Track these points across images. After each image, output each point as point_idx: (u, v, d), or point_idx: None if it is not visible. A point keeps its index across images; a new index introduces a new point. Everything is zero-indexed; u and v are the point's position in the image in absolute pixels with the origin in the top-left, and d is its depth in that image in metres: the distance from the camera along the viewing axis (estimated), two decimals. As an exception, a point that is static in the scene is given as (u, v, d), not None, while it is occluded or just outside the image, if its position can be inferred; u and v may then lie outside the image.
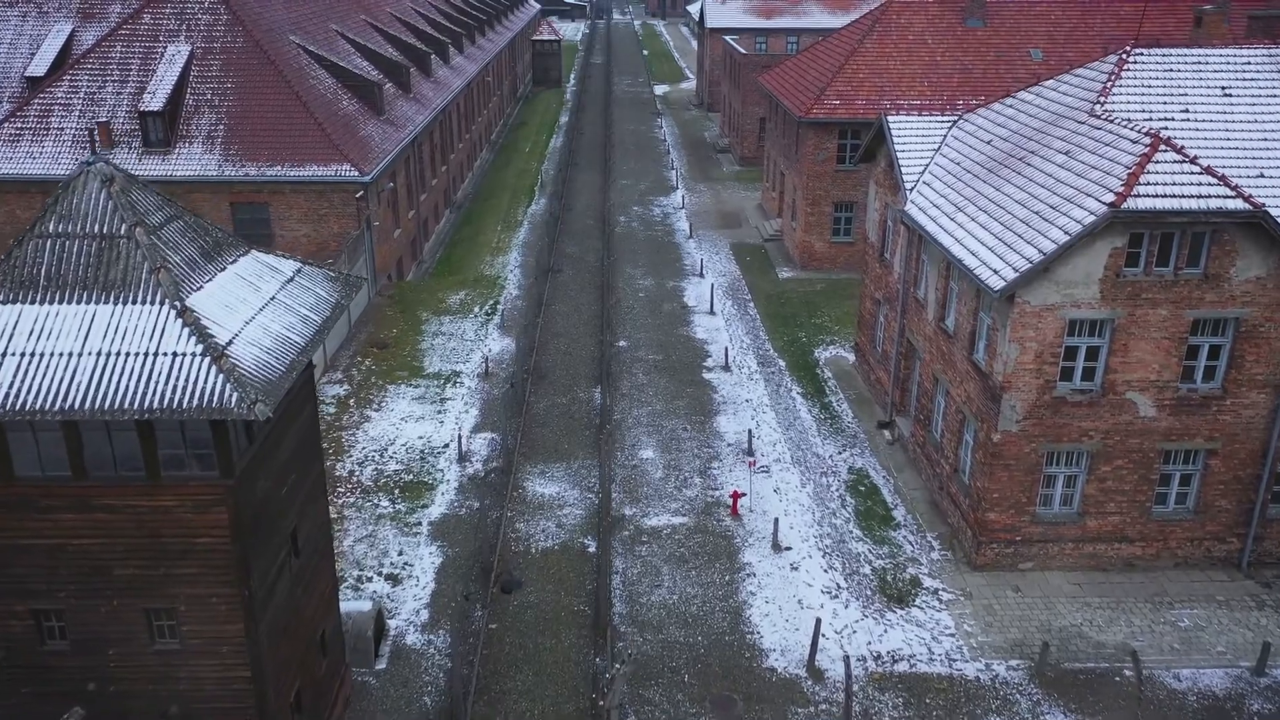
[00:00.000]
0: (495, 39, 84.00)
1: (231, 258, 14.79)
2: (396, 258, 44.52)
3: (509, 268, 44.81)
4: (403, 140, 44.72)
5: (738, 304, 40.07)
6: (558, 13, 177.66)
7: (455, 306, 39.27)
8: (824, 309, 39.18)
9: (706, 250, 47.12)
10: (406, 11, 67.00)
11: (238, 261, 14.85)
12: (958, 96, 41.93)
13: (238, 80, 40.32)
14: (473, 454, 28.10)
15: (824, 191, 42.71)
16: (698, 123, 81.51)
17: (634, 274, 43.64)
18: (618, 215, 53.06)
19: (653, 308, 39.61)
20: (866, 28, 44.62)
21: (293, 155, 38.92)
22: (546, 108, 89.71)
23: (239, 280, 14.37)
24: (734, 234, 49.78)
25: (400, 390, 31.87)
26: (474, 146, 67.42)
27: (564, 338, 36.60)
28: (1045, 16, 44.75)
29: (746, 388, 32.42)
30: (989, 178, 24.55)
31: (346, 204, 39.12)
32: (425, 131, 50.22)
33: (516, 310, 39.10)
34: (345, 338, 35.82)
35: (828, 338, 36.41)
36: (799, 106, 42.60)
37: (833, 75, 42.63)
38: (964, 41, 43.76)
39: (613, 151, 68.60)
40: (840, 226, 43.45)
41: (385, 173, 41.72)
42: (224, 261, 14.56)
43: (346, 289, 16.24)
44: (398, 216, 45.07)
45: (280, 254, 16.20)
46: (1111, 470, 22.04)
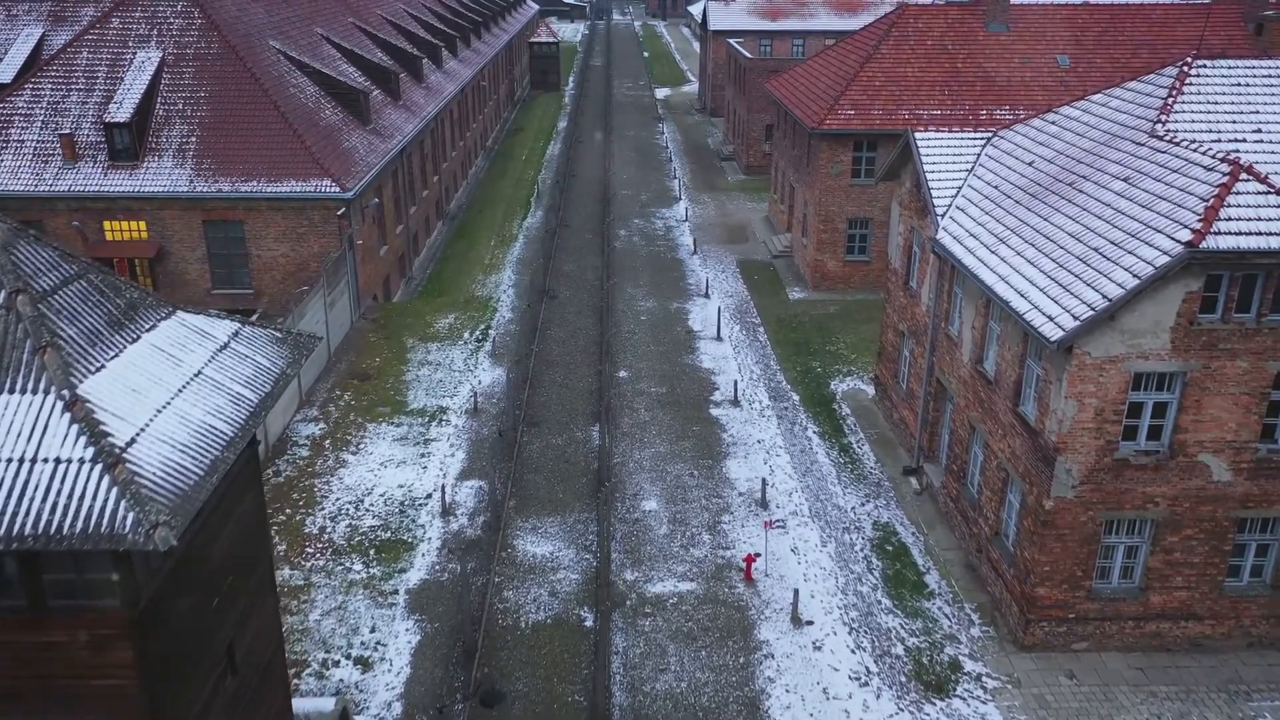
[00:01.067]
0: (492, 41, 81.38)
1: (148, 324, 12.15)
2: (383, 276, 41.90)
3: (502, 287, 42.15)
4: (390, 152, 42.09)
5: (746, 329, 37.43)
6: (557, 13, 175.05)
7: (444, 332, 36.62)
8: (839, 335, 36.54)
9: (712, 268, 44.49)
10: (398, 14, 64.38)
11: (156, 328, 12.21)
12: (980, 106, 39.30)
13: (212, 89, 37.69)
14: (458, 506, 25.46)
15: (837, 207, 40.07)
16: (700, 128, 78.88)
17: (635, 294, 41.01)
18: (618, 229, 50.43)
19: (655, 333, 36.97)
20: (881, 32, 41.99)
21: (270, 170, 36.29)
22: (545, 112, 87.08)
23: (155, 353, 11.73)
24: (740, 249, 47.15)
25: (381, 430, 29.23)
26: (469, 154, 64.79)
27: (560, 367, 33.96)
28: (1071, 21, 42.11)
29: (758, 426, 29.78)
30: (1034, 205, 21.90)
31: (327, 222, 36.49)
32: (415, 141, 47.59)
33: (509, 336, 36.46)
34: (324, 368, 33.18)
35: (844, 368, 33.76)
36: (811, 116, 39.96)
37: (847, 83, 39.99)
38: (986, 47, 41.12)
39: (612, 160, 65.96)
40: (855, 244, 40.81)
41: (370, 187, 39.09)
42: (137, 329, 11.92)
43: (296, 353, 13.60)
44: (384, 232, 42.45)
45: (215, 313, 13.53)
46: (1179, 540, 19.39)
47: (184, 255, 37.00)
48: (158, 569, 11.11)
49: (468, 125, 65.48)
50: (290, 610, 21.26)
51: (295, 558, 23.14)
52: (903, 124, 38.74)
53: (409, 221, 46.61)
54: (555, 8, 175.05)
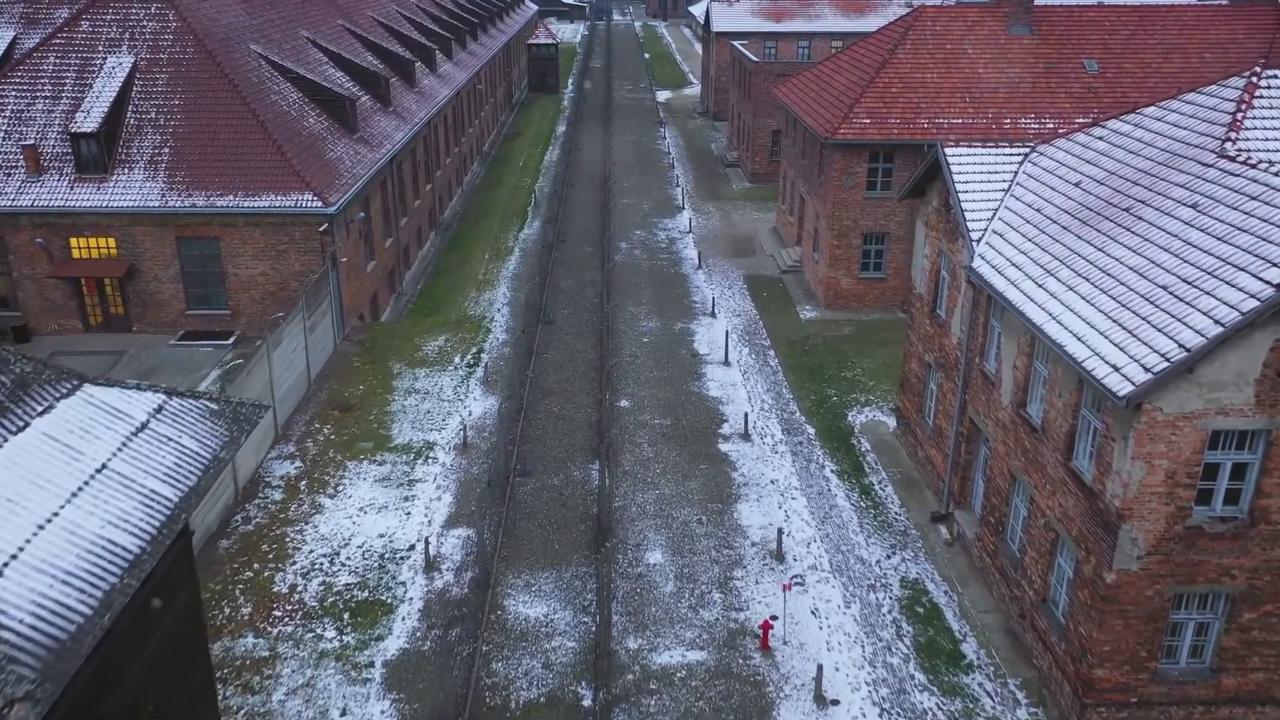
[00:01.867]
0: (489, 43, 79.08)
1: (41, 405, 9.87)
2: (371, 293, 39.60)
3: (496, 306, 39.83)
4: (378, 162, 39.79)
5: (756, 352, 35.12)
6: (556, 14, 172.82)
7: (433, 356, 34.30)
8: (855, 359, 34.22)
9: (718, 283, 42.18)
10: (391, 15, 62.09)
11: (52, 410, 9.93)
12: (1004, 115, 36.99)
13: (186, 96, 35.39)
14: (443, 559, 23.14)
15: (852, 221, 37.76)
16: (703, 133, 76.56)
17: (637, 314, 38.69)
18: (618, 241, 48.12)
19: (659, 357, 34.66)
20: (897, 36, 39.69)
21: (247, 183, 33.99)
22: (543, 116, 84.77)
23: (45, 445, 9.46)
24: (747, 263, 44.84)
25: (361, 469, 26.92)
26: (464, 160, 62.50)
27: (556, 396, 31.65)
28: (1099, 23, 39.81)
29: (771, 464, 27.48)
30: (1086, 233, 19.58)
31: (309, 239, 34.19)
32: (406, 149, 45.30)
33: (503, 360, 34.15)
34: (303, 397, 30.87)
35: (862, 396, 31.45)
36: (824, 125, 37.64)
37: (861, 90, 37.68)
38: (1008, 51, 38.82)
39: (613, 166, 63.66)
40: (870, 261, 38.49)
41: (356, 200, 36.79)
42: (26, 414, 9.64)
43: (235, 430, 11.29)
44: (372, 247, 40.15)
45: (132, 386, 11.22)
46: (1258, 617, 17.10)
47: (156, 274, 34.69)
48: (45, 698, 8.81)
49: (463, 130, 63.19)
50: (252, 688, 18.95)
51: (261, 623, 20.83)
52: (922, 134, 36.46)
53: (399, 234, 44.33)
54: (554, 8, 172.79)
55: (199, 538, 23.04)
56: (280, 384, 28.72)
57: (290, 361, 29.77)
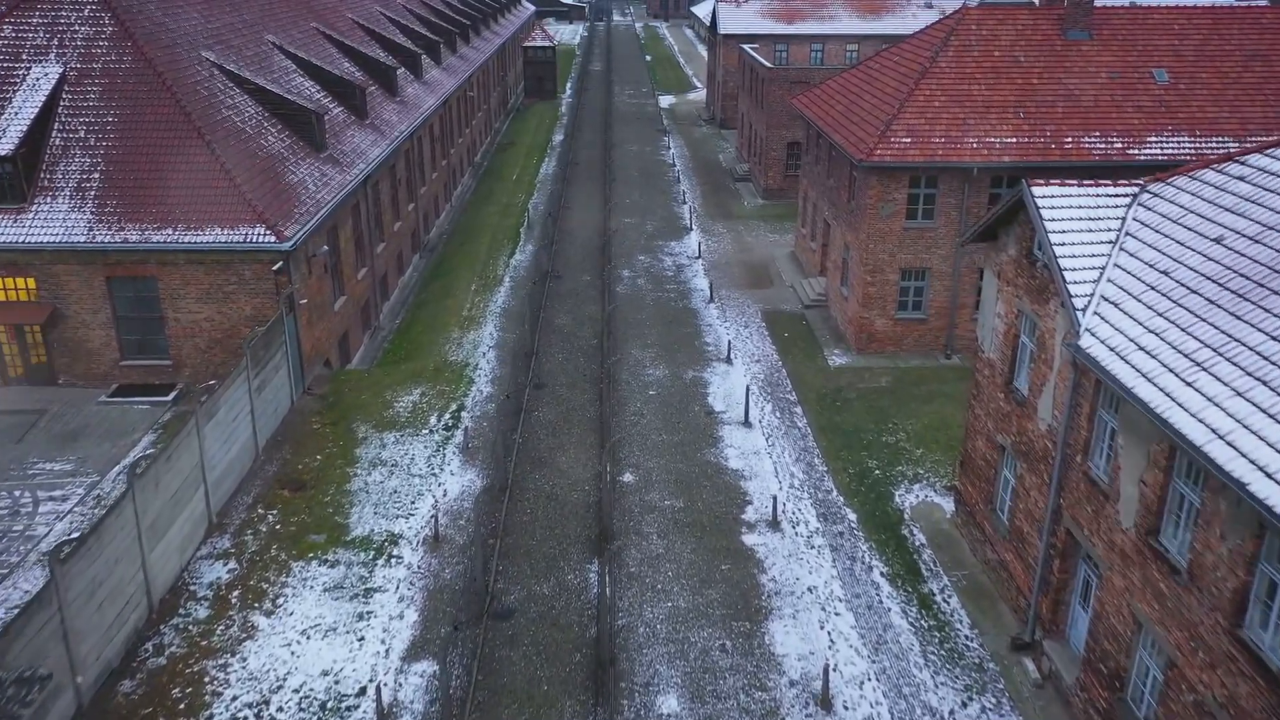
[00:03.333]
0: (482, 46, 74.33)
1: None
2: (340, 334, 34.81)
3: (481, 350, 34.99)
4: (348, 184, 35.00)
5: (780, 408, 30.31)
6: (555, 14, 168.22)
7: (405, 415, 29.49)
8: (896, 418, 29.42)
9: (733, 320, 37.38)
10: (373, 17, 57.29)
11: None
12: (1064, 133, 32.18)
13: (122, 112, 30.60)
14: (401, 710, 18.34)
15: (888, 255, 32.95)
16: (710, 142, 71.76)
17: (642, 359, 33.88)
18: (620, 268, 43.32)
19: (668, 415, 29.86)
20: (938, 41, 34.89)
21: (190, 214, 29.21)
22: (539, 124, 79.97)
23: None
24: (765, 296, 40.04)
25: (309, 572, 22.11)
26: (453, 174, 57.71)
27: (548, 468, 26.85)
28: (1167, 27, 34.99)
29: (806, 563, 22.68)
30: (1247, 310, 14.76)
31: (261, 279, 29.41)
32: (385, 166, 40.52)
33: (486, 421, 29.34)
34: (247, 473, 26.06)
35: (909, 469, 26.66)
36: (856, 145, 32.83)
37: (900, 104, 32.87)
38: (1065, 59, 34.02)
39: (613, 180, 58.86)
40: (909, 299, 33.67)
41: (320, 230, 32.00)
42: None
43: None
44: (341, 281, 35.36)
45: None
46: None
47: (84, 319, 29.89)
48: None
49: (452, 141, 58.42)
50: None
51: (158, 812, 16.06)
52: (970, 155, 31.66)
53: (375, 262, 39.55)
54: (553, 9, 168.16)
55: (92, 677, 18.24)
56: (216, 462, 23.91)
57: (230, 432, 24.96)
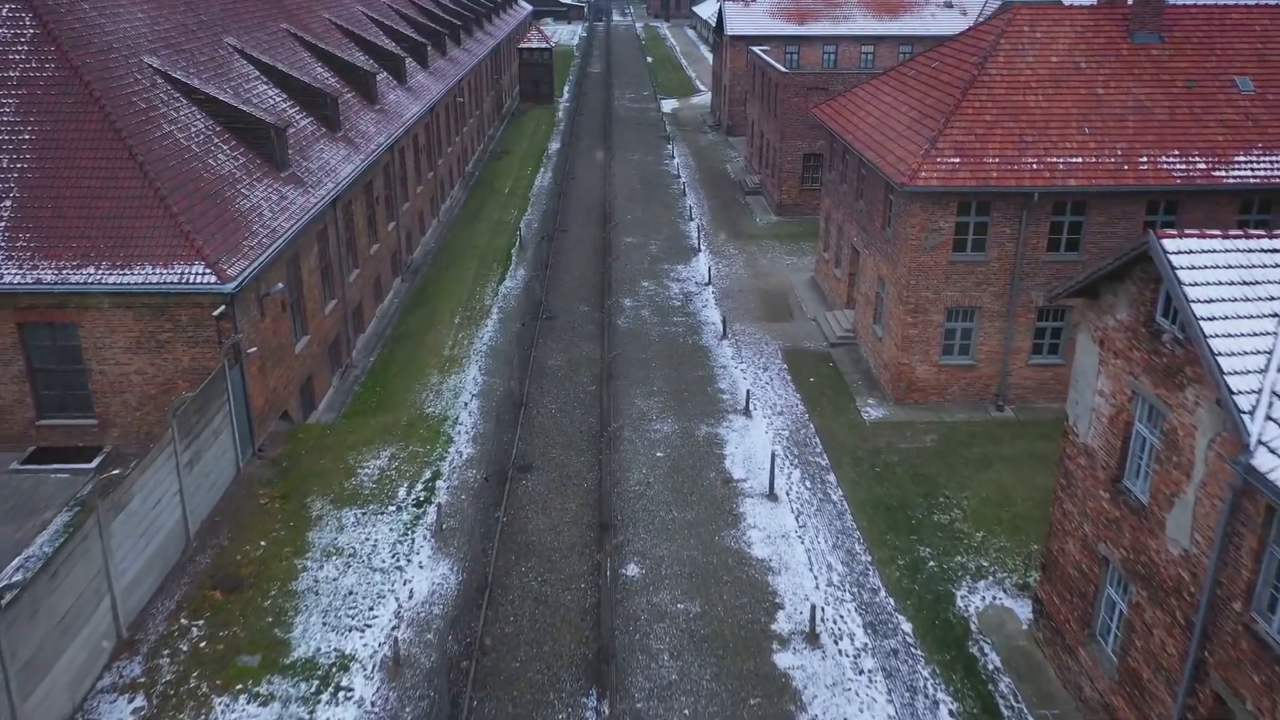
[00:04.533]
0: (474, 48, 69.93)
1: None
2: (301, 379, 30.39)
3: (462, 399, 30.55)
4: (312, 208, 30.60)
5: (810, 475, 25.92)
6: (553, 14, 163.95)
7: (370, 485, 25.08)
8: (948, 488, 25.02)
9: (749, 361, 32.96)
10: (353, 17, 52.83)
11: None
12: (1138, 151, 27.78)
13: (41, 129, 26.18)
14: None
15: (933, 292, 28.54)
16: (717, 150, 67.34)
17: (647, 410, 29.47)
18: (621, 297, 38.91)
19: (679, 484, 25.47)
20: (986, 44, 30.49)
21: (117, 249, 24.84)
22: (535, 130, 75.54)
23: None
24: (784, 330, 35.63)
25: (235, 710, 17.70)
26: (441, 186, 53.29)
27: (537, 558, 22.45)
28: (1248, 29, 30.58)
29: (855, 697, 18.28)
30: None
31: (200, 324, 25.01)
32: (359, 183, 36.11)
33: (465, 492, 24.94)
34: (173, 567, 21.64)
35: (969, 559, 22.25)
36: (895, 166, 28.42)
37: (945, 116, 28.47)
38: (1134, 65, 29.61)
39: (613, 194, 54.46)
40: (955, 343, 29.26)
41: (276, 263, 27.60)
42: None
43: None
44: (304, 319, 30.96)
45: None
46: None
47: (-7, 373, 25.52)
48: None
49: (440, 152, 54.02)
50: None
51: None
52: (1031, 178, 27.25)
53: (347, 293, 35.14)
54: (551, 9, 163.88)
55: None
56: (127, 566, 19.51)
57: (150, 523, 20.55)
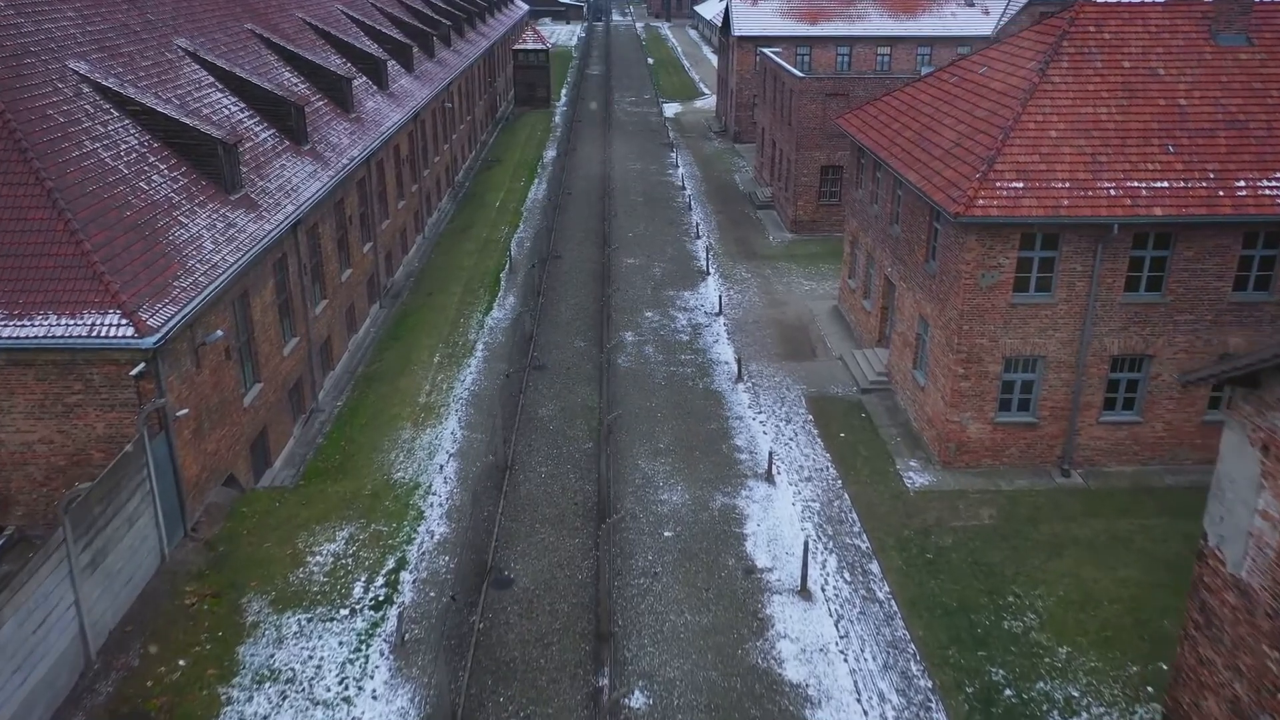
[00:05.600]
0: (466, 50, 65.71)
1: None
2: (251, 436, 26.15)
3: (437, 460, 26.29)
4: (265, 237, 26.39)
5: (849, 564, 21.65)
6: (551, 14, 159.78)
7: (320, 580, 20.83)
8: (1017, 581, 20.76)
9: (769, 410, 28.72)
10: (330, 16, 48.55)
11: None
12: (1233, 173, 23.52)
13: (-68, 149, 22.01)
14: None
15: (989, 339, 24.29)
16: (723, 159, 63.10)
17: (653, 474, 25.24)
18: (623, 331, 34.66)
19: (691, 575, 21.22)
20: (1047, 47, 26.25)
21: (15, 296, 20.64)
22: (529, 136, 71.28)
23: None
24: (807, 372, 31.38)
25: None
26: (426, 201, 49.03)
27: (520, 682, 18.19)
28: (1350, 28, 26.34)
29: None
30: None
31: (117, 385, 20.81)
32: (328, 203, 31.87)
33: (435, 587, 20.70)
34: (60, 701, 17.35)
35: (1055, 685, 17.98)
36: (946, 190, 24.16)
37: (1003, 132, 24.22)
38: (1221, 72, 25.37)
39: (613, 207, 50.21)
40: (1013, 397, 25.01)
41: (219, 305, 23.34)
42: None
43: None
44: (257, 364, 26.73)
45: None
46: None
47: None
48: None
49: (426, 162, 49.80)
50: None
51: None
52: (1108, 207, 23.00)
53: (312, 328, 30.92)
54: (549, 9, 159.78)
55: None
56: (-9, 715, 15.30)
57: (30, 652, 16.33)
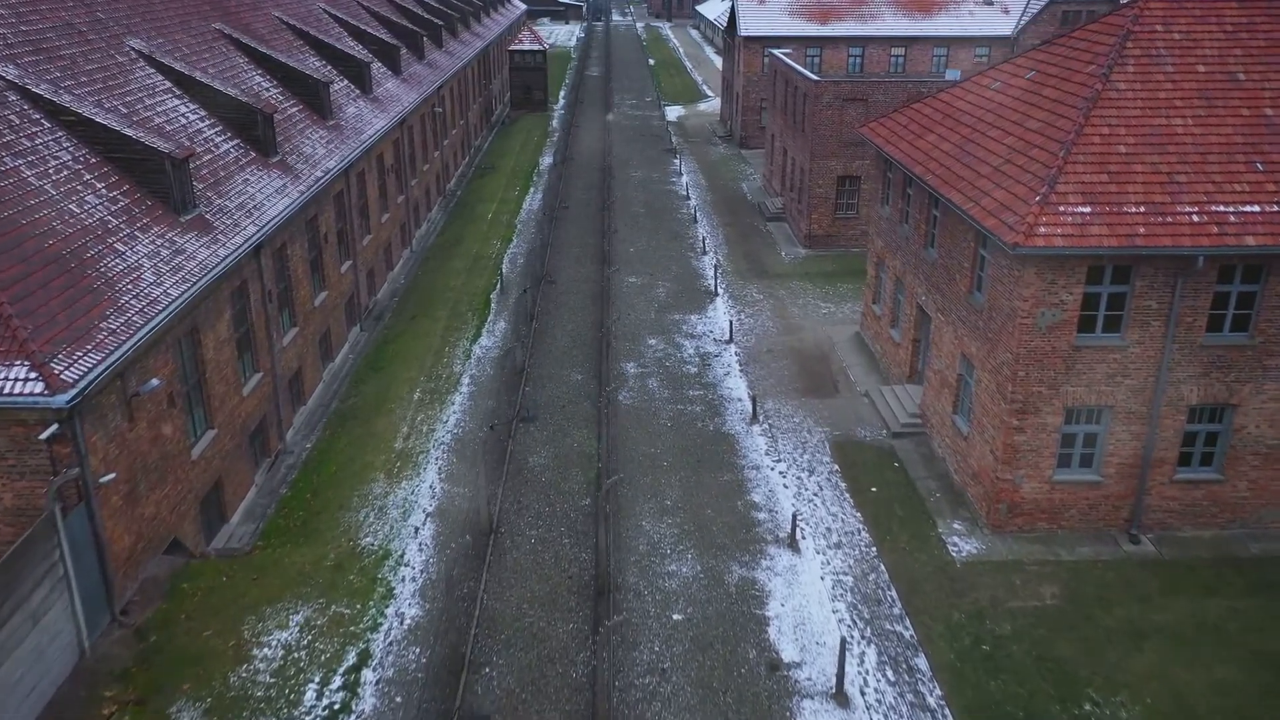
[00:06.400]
0: (459, 50, 62.48)
1: None
2: (201, 492, 22.87)
3: (412, 519, 22.96)
4: (218, 265, 23.14)
5: (892, 658, 18.36)
6: (549, 14, 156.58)
7: (265, 681, 17.55)
8: (1094, 684, 17.45)
9: (789, 458, 25.44)
10: (311, 16, 45.22)
11: None
12: (1334, 195, 20.21)
13: None
14: None
15: (1048, 387, 20.99)
16: (729, 166, 59.84)
17: (659, 539, 21.95)
18: (624, 361, 31.39)
19: (705, 673, 17.92)
20: (1108, 48, 22.96)
21: (-97, 344, 17.40)
22: (525, 142, 68.03)
23: None
24: (829, 411, 28.09)
25: None
26: (414, 212, 45.75)
27: (500, 824, 14.93)
28: None
29: None
30: None
31: (27, 449, 17.57)
32: (298, 222, 28.61)
33: (403, 685, 17.40)
34: None
35: (1152, 829, 14.73)
36: (999, 216, 20.86)
37: (1064, 147, 20.93)
38: (1310, 76, 22.11)
39: (614, 219, 46.95)
40: (1074, 452, 21.70)
41: (159, 348, 20.05)
42: None
43: None
44: (210, 409, 23.46)
45: None
46: None
47: None
48: None
49: (414, 171, 46.57)
50: None
51: None
52: (1192, 235, 19.69)
53: (278, 362, 27.67)
54: (548, 8, 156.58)
55: None
56: None
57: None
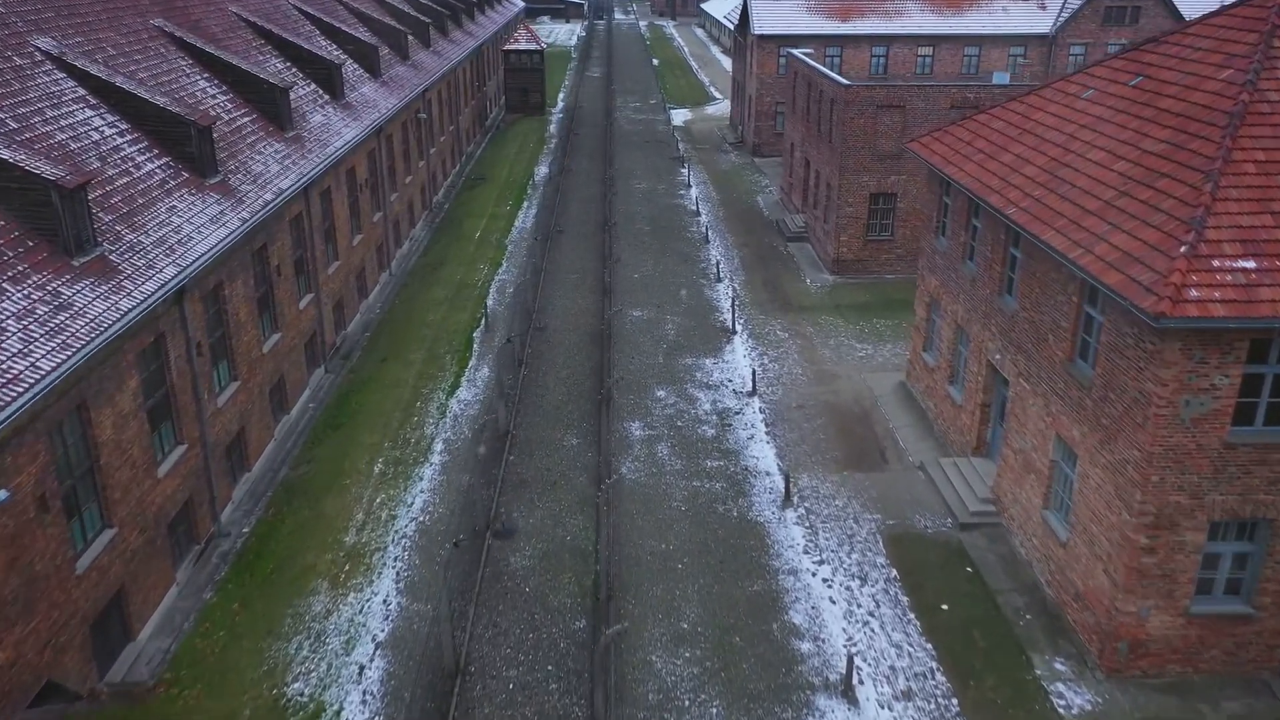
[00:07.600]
0: (448, 50, 57.50)
1: None
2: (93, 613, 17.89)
3: (357, 654, 17.91)
4: (119, 321, 18.22)
5: None
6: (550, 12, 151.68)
7: None
8: None
9: (833, 560, 20.43)
10: (274, 11, 40.22)
11: None
12: None
13: None
14: None
15: (1191, 496, 15.95)
16: (742, 176, 54.84)
17: (674, 682, 16.94)
18: (627, 420, 26.40)
19: None
20: (1247, 47, 17.96)
21: None
22: (520, 150, 63.06)
23: None
24: (878, 489, 23.09)
25: None
26: (393, 230, 40.77)
27: None
28: None
29: None
30: None
31: None
32: (240, 255, 23.61)
33: None
34: None
35: None
36: (1126, 270, 15.81)
37: (1210, 180, 15.93)
38: None
39: (615, 240, 41.98)
40: (1218, 577, 16.68)
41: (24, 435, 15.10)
42: None
43: None
44: (107, 504, 18.51)
45: None
46: None
47: None
48: None
49: (395, 185, 41.62)
50: None
51: None
52: (1397, 301, 14.66)
53: (210, 429, 22.70)
54: (548, 6, 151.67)
55: None
56: None
57: None
